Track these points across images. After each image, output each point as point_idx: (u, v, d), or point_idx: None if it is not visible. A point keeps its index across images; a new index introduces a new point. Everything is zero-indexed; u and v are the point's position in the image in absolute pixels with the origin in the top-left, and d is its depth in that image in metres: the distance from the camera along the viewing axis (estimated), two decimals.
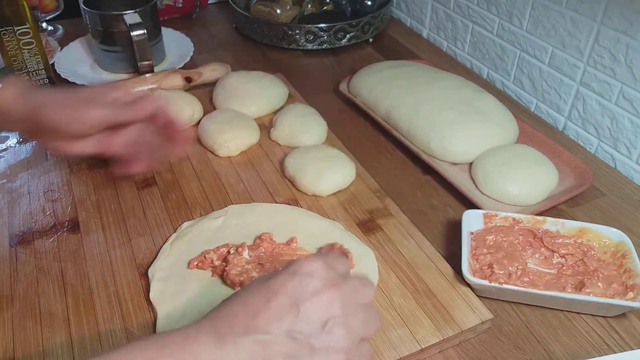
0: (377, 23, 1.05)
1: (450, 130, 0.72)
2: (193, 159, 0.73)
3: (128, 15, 0.85)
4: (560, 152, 0.72)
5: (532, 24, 0.85)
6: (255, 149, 0.75)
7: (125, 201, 0.66)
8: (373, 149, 0.78)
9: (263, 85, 0.82)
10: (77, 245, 0.60)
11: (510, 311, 0.55)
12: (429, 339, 0.50)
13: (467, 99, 0.76)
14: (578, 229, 0.59)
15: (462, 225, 0.59)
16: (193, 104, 0.79)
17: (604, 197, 0.70)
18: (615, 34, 0.72)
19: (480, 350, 0.52)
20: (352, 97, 0.85)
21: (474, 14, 0.96)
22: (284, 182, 0.69)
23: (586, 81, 0.79)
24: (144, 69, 0.86)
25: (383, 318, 0.52)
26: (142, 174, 0.69)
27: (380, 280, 0.55)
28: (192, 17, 1.15)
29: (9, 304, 0.53)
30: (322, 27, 0.99)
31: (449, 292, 0.54)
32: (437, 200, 0.69)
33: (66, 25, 1.09)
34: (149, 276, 0.55)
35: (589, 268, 0.56)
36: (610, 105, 0.76)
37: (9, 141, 0.75)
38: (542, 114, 0.87)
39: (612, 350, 0.52)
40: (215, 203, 0.66)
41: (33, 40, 0.78)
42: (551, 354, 0.51)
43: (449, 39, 1.04)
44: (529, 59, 0.87)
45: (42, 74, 0.82)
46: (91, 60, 0.96)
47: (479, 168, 0.69)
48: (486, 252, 0.57)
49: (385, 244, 0.60)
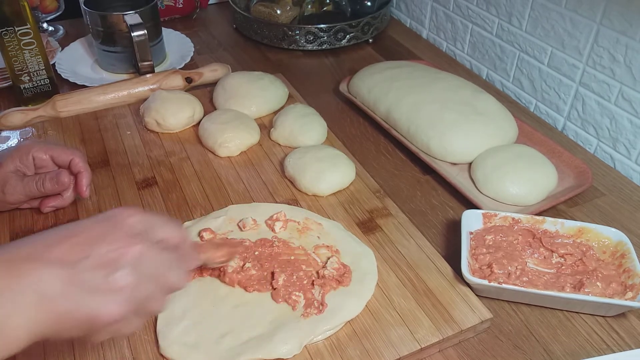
0: (377, 23, 1.05)
1: (450, 131, 0.72)
2: (193, 159, 0.73)
3: (129, 15, 0.85)
4: (559, 152, 0.73)
5: (532, 24, 0.85)
6: (256, 149, 0.75)
7: (125, 201, 0.66)
8: (373, 149, 0.79)
9: (263, 85, 0.82)
10: None
11: (510, 311, 0.56)
12: (429, 339, 0.50)
13: (466, 99, 0.76)
14: (577, 229, 0.60)
15: (462, 225, 0.59)
16: (193, 104, 0.79)
17: (603, 197, 0.70)
18: (614, 34, 0.73)
19: (479, 349, 0.52)
20: (352, 98, 0.85)
21: (474, 14, 0.96)
22: (284, 182, 0.69)
23: (585, 81, 0.79)
24: (144, 69, 0.87)
25: (383, 317, 0.52)
26: (143, 174, 0.70)
27: (380, 280, 0.55)
28: (192, 17, 1.15)
29: None
30: (322, 27, 1.00)
31: (449, 291, 0.55)
32: (436, 200, 0.70)
33: (67, 26, 1.09)
34: None
35: (588, 268, 0.56)
36: (610, 105, 0.76)
37: (10, 141, 0.75)
38: (542, 114, 0.88)
39: (612, 349, 0.52)
40: (216, 203, 0.66)
41: (34, 40, 0.78)
42: (550, 354, 0.51)
43: (448, 39, 1.04)
44: (529, 60, 0.87)
45: (42, 74, 0.82)
46: (92, 61, 0.96)
47: (478, 168, 0.69)
48: (485, 252, 0.57)
49: (385, 243, 0.60)
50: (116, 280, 0.36)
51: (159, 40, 0.94)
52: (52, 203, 0.62)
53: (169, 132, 0.78)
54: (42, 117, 0.79)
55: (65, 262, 0.35)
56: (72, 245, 0.36)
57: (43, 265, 0.35)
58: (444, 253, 0.61)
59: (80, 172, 0.62)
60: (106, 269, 0.36)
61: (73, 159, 0.62)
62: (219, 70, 0.89)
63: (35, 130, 0.77)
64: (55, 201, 0.62)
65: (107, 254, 0.36)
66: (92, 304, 0.35)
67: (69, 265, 0.35)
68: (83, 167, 0.62)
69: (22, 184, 0.60)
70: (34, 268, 0.34)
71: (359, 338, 0.50)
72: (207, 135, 0.74)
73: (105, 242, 0.37)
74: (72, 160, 0.62)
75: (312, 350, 0.49)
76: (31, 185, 0.60)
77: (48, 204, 0.62)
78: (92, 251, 0.36)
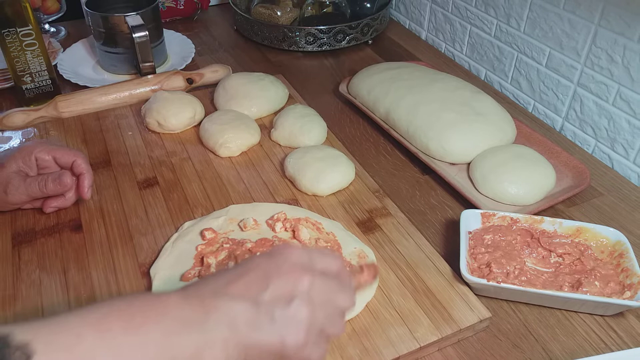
0: (376, 25, 1.06)
1: (449, 131, 0.72)
2: (194, 160, 0.73)
3: (130, 16, 0.85)
4: (557, 152, 0.73)
5: (530, 25, 0.85)
6: (256, 149, 0.75)
7: (127, 201, 0.66)
8: (372, 149, 0.79)
9: (263, 86, 0.83)
10: (80, 244, 0.60)
11: (509, 310, 0.56)
12: (428, 338, 0.50)
13: (465, 100, 0.76)
14: (575, 229, 0.60)
15: (461, 224, 0.60)
16: (194, 105, 0.79)
17: (601, 197, 0.70)
18: (612, 35, 0.73)
19: (478, 348, 0.52)
20: (352, 98, 0.86)
21: (472, 15, 0.96)
22: (284, 182, 0.69)
23: (583, 82, 0.79)
24: (145, 70, 0.87)
25: (382, 317, 0.52)
26: (144, 174, 0.70)
27: (379, 280, 0.56)
28: (193, 19, 1.16)
29: (12, 303, 0.53)
30: (322, 29, 1.00)
31: (448, 291, 0.55)
32: (435, 200, 0.70)
33: (69, 27, 1.10)
34: (151, 275, 0.55)
35: (586, 267, 0.57)
36: (608, 106, 0.76)
37: (12, 142, 0.75)
38: (540, 115, 0.88)
39: (610, 349, 0.52)
40: (217, 203, 0.66)
41: (36, 41, 0.79)
42: (549, 353, 0.52)
43: (447, 40, 1.05)
44: (527, 60, 0.88)
45: (44, 75, 0.82)
46: (93, 62, 0.97)
47: (477, 168, 0.70)
48: (484, 252, 0.58)
49: (385, 243, 0.61)
50: (295, 308, 0.38)
51: (160, 41, 0.95)
52: (54, 204, 0.63)
53: (170, 132, 0.78)
54: (44, 118, 0.79)
55: (247, 297, 0.37)
56: (249, 281, 0.38)
57: (229, 300, 0.37)
58: (443, 252, 0.62)
59: (82, 173, 0.62)
60: (284, 299, 0.38)
61: (75, 160, 0.62)
62: (219, 71, 0.89)
63: (37, 130, 0.78)
64: (57, 202, 0.63)
65: (283, 286, 0.38)
66: (277, 333, 0.37)
67: (251, 299, 0.37)
68: (85, 169, 0.63)
69: (25, 184, 0.60)
70: (221, 303, 0.37)
71: (358, 337, 0.50)
72: (208, 135, 0.74)
73: (278, 276, 0.39)
74: (75, 162, 0.62)
75: None
76: (34, 186, 0.60)
77: (50, 205, 0.63)
78: (269, 285, 0.38)
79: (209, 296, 0.37)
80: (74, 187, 0.63)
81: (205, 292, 0.38)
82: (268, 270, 0.39)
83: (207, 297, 0.37)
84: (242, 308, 0.37)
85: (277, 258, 0.40)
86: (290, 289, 0.38)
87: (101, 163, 0.72)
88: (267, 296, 0.38)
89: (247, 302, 0.37)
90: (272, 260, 0.40)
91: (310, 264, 0.40)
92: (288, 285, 0.38)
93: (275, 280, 0.38)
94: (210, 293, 0.37)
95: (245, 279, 0.38)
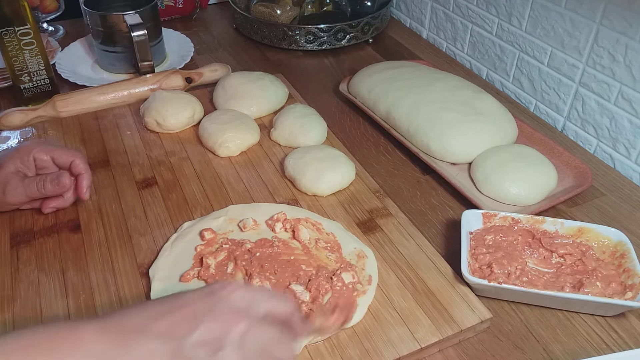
0: (377, 24, 1.05)
1: (450, 131, 0.72)
2: (193, 159, 0.73)
3: (129, 15, 0.85)
4: (559, 152, 0.73)
5: (532, 24, 0.85)
6: (256, 149, 0.75)
7: (126, 201, 0.66)
8: (373, 149, 0.79)
9: (263, 85, 0.82)
10: (78, 245, 0.60)
11: (510, 311, 0.56)
12: (429, 338, 0.50)
13: (466, 100, 0.76)
14: (577, 229, 0.60)
15: (462, 225, 0.59)
16: (193, 104, 0.79)
17: (603, 197, 0.70)
18: (614, 34, 0.73)
19: (479, 349, 0.52)
20: (352, 98, 0.85)
21: (474, 14, 0.96)
22: (284, 182, 0.69)
23: (585, 81, 0.79)
24: (144, 69, 0.87)
25: (383, 317, 0.52)
26: (143, 174, 0.70)
27: (380, 280, 0.55)
28: (192, 17, 1.15)
29: (10, 304, 0.53)
30: (322, 27, 1.00)
31: (449, 291, 0.55)
32: (436, 200, 0.70)
33: (67, 26, 1.09)
34: (150, 276, 0.55)
35: (587, 268, 0.56)
36: (609, 105, 0.76)
37: (10, 141, 0.75)
38: (541, 114, 0.88)
39: (611, 349, 0.52)
40: (216, 203, 0.66)
41: (34, 40, 0.78)
42: (550, 354, 0.51)
43: (448, 39, 1.05)
44: (528, 60, 0.87)
45: (42, 74, 0.82)
46: (92, 61, 0.96)
47: (478, 168, 0.69)
48: (485, 252, 0.57)
49: (385, 243, 0.60)
50: (223, 357, 0.35)
51: (159, 40, 0.94)
52: (52, 204, 0.62)
53: (169, 132, 0.78)
54: (42, 117, 0.79)
55: (171, 337, 0.35)
56: (177, 319, 0.36)
57: (151, 338, 0.35)
58: (444, 253, 0.61)
59: (80, 174, 0.62)
60: (211, 346, 0.35)
61: (74, 161, 0.62)
62: (219, 71, 0.89)
63: (35, 130, 0.77)
64: (56, 202, 0.63)
65: (211, 331, 0.36)
66: None
67: (174, 340, 0.35)
68: (83, 169, 0.62)
69: (23, 184, 0.60)
70: (142, 341, 0.34)
71: (359, 338, 0.50)
72: (207, 135, 0.74)
73: (209, 318, 0.36)
74: (73, 162, 0.62)
75: (312, 350, 0.49)
76: (32, 187, 0.60)
77: (49, 205, 0.62)
78: (198, 327, 0.35)
79: (131, 331, 0.35)
80: (72, 188, 0.62)
81: (127, 325, 0.35)
82: (200, 310, 0.36)
83: (129, 331, 0.35)
84: (163, 350, 0.34)
85: (213, 297, 0.37)
86: (220, 335, 0.35)
87: (99, 163, 0.72)
88: (194, 340, 0.35)
89: (168, 344, 0.35)
90: (208, 299, 0.37)
91: (249, 309, 0.38)
92: (219, 331, 0.36)
93: (207, 323, 0.36)
94: (132, 327, 0.35)
95: (173, 316, 0.36)
